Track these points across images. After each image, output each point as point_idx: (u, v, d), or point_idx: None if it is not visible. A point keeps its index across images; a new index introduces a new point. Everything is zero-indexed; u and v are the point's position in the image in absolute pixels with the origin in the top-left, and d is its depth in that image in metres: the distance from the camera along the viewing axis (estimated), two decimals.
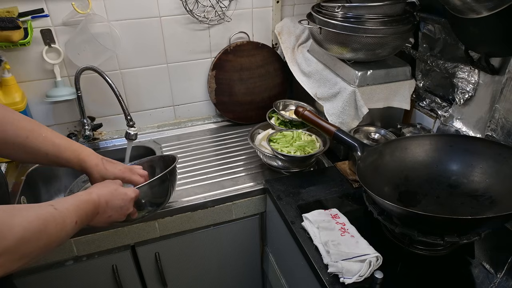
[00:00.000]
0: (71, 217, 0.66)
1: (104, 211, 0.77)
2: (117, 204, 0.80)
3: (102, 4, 1.27)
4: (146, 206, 0.94)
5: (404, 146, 1.03)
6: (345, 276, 0.81)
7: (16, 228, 0.54)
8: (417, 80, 1.28)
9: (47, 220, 0.60)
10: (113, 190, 0.80)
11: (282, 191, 1.13)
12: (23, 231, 0.55)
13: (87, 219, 0.72)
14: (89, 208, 0.73)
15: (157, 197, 0.97)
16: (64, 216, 0.64)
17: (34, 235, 0.57)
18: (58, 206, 0.64)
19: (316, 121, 1.10)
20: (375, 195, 0.84)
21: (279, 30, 1.48)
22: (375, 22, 1.08)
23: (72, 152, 0.86)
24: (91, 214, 0.74)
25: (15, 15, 1.16)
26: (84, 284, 1.18)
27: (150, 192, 0.93)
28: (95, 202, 0.75)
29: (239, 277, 1.41)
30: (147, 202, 0.93)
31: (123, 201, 0.81)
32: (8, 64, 1.23)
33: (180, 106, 1.56)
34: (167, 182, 0.97)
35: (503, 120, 0.98)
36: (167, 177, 0.96)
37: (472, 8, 0.86)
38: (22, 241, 0.55)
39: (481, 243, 0.93)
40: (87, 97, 1.38)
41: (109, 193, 0.79)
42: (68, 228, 0.65)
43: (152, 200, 0.95)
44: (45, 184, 1.36)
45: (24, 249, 0.56)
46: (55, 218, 0.62)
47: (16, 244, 0.54)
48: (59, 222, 0.63)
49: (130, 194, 0.83)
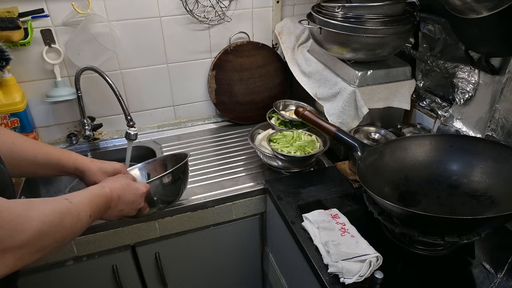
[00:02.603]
0: (85, 210, 0.67)
1: (116, 205, 0.78)
2: (129, 199, 0.81)
3: (102, 4, 1.27)
4: (158, 203, 0.94)
5: (404, 146, 1.03)
6: (345, 276, 0.81)
7: (34, 221, 0.55)
8: (417, 80, 1.28)
9: (63, 213, 0.61)
10: (126, 185, 0.81)
11: (282, 191, 1.13)
12: (41, 224, 0.56)
13: (100, 212, 0.73)
14: (102, 202, 0.74)
15: (168, 193, 0.97)
16: (79, 209, 0.65)
17: (51, 228, 0.58)
18: (72, 199, 0.65)
19: (316, 121, 1.10)
20: (375, 195, 0.84)
21: (279, 30, 1.48)
22: (375, 22, 1.08)
23: (62, 154, 0.87)
24: (103, 207, 0.75)
25: (15, 15, 1.16)
26: (84, 284, 1.18)
27: (161, 188, 0.93)
28: (107, 196, 0.75)
29: (239, 277, 1.41)
30: (158, 199, 0.94)
31: (135, 196, 0.82)
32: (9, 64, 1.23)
33: (180, 106, 1.56)
34: (178, 179, 0.97)
35: (503, 120, 0.98)
36: (178, 173, 0.96)
37: (472, 8, 0.86)
38: (40, 234, 0.56)
39: (481, 243, 0.93)
40: (87, 97, 1.38)
41: (121, 187, 0.80)
42: (83, 221, 0.66)
43: (163, 197, 0.95)
44: (45, 184, 1.36)
45: (42, 242, 0.57)
46: (70, 212, 0.63)
47: (34, 236, 0.55)
48: (75, 215, 0.64)
49: (142, 188, 0.84)
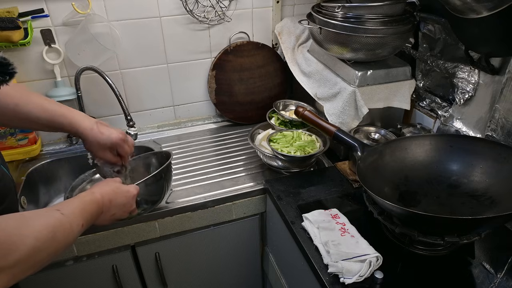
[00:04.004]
0: (77, 220, 0.66)
1: (108, 209, 0.78)
2: (120, 202, 0.81)
3: (102, 4, 1.27)
4: (142, 203, 0.95)
5: (404, 146, 1.03)
6: (345, 276, 0.81)
7: (28, 239, 0.55)
8: (417, 80, 1.28)
9: (55, 227, 0.61)
10: (116, 188, 0.81)
11: (282, 191, 1.13)
12: (35, 241, 0.56)
13: (92, 219, 0.73)
14: (94, 209, 0.73)
15: (153, 193, 0.97)
16: (71, 220, 0.65)
17: (44, 243, 0.58)
18: (64, 210, 0.65)
19: (316, 121, 1.10)
20: (375, 195, 0.84)
21: (279, 30, 1.48)
22: (375, 22, 1.08)
23: (64, 118, 0.86)
24: (95, 214, 0.74)
25: (15, 15, 1.16)
26: (84, 284, 1.18)
27: (146, 189, 0.94)
28: (98, 201, 0.75)
29: (239, 277, 1.41)
30: (142, 199, 0.94)
31: (126, 198, 0.82)
32: None
33: (180, 106, 1.56)
34: (161, 179, 0.97)
35: (503, 120, 0.98)
36: (162, 175, 0.96)
37: (472, 8, 0.86)
38: (33, 251, 0.55)
39: (481, 243, 0.93)
40: (87, 97, 1.38)
41: (111, 191, 0.79)
42: (75, 231, 0.66)
43: (148, 197, 0.96)
44: (45, 184, 1.36)
45: (35, 258, 0.56)
46: (62, 224, 0.62)
47: (28, 254, 0.55)
48: (67, 227, 0.63)
49: (132, 191, 0.84)
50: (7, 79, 0.57)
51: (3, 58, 0.56)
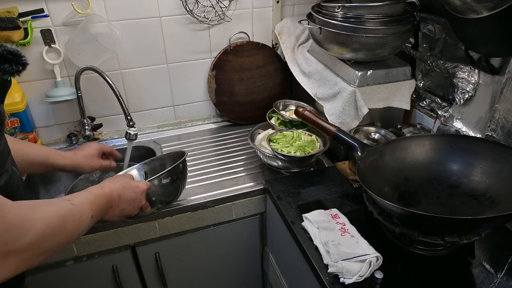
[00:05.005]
0: (87, 211, 0.67)
1: (117, 204, 0.78)
2: (130, 197, 0.81)
3: (102, 4, 1.27)
4: (156, 203, 0.94)
5: (404, 146, 1.03)
6: (345, 276, 0.81)
7: (38, 224, 0.55)
8: (417, 80, 1.28)
9: (66, 216, 0.61)
10: (125, 183, 0.81)
11: (282, 191, 1.13)
12: (45, 227, 0.56)
13: (101, 213, 0.74)
14: (103, 202, 0.74)
15: (167, 193, 0.97)
16: (81, 211, 0.66)
17: (54, 230, 0.58)
18: (74, 201, 0.65)
19: (316, 121, 1.10)
20: (375, 195, 0.84)
21: (279, 30, 1.48)
22: (375, 22, 1.08)
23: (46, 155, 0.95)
24: (105, 208, 0.75)
25: (15, 15, 1.16)
26: (84, 284, 1.18)
27: (160, 187, 0.93)
28: (107, 195, 0.76)
29: (239, 277, 1.41)
30: (157, 199, 0.94)
31: (136, 194, 0.82)
32: None
33: (180, 106, 1.56)
34: (177, 179, 0.97)
35: (503, 120, 0.98)
36: (177, 172, 0.96)
37: (472, 8, 0.86)
38: (44, 237, 0.56)
39: (481, 243, 0.93)
40: (87, 97, 1.38)
41: (120, 186, 0.80)
42: (85, 223, 0.66)
43: (161, 197, 0.95)
44: (45, 185, 1.36)
45: (45, 245, 0.57)
46: (72, 214, 0.63)
47: (38, 239, 0.55)
48: (77, 217, 0.64)
49: (141, 186, 0.85)
50: (20, 69, 0.59)
51: (16, 49, 0.58)
